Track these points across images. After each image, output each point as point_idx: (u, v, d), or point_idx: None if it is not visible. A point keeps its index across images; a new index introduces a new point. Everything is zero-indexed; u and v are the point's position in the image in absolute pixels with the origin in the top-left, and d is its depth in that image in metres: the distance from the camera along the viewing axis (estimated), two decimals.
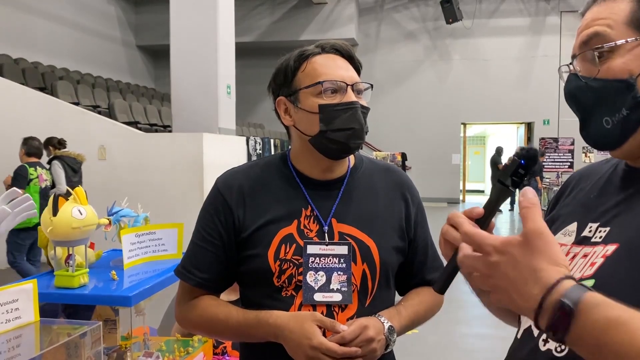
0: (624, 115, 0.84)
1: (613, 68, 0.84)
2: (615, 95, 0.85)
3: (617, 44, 0.84)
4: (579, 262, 0.85)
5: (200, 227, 1.30)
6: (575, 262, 0.86)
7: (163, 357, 1.86)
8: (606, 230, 0.85)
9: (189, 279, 1.29)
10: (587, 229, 0.89)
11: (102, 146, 6.69)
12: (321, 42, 1.29)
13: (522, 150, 0.80)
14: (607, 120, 0.86)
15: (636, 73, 0.83)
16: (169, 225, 2.02)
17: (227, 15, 7.10)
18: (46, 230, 1.63)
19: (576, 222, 0.92)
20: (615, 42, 0.84)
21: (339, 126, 1.22)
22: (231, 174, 1.33)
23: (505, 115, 15.43)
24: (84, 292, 1.63)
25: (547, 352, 0.82)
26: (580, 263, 0.85)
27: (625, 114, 0.84)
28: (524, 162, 0.80)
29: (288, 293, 1.22)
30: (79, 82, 9.68)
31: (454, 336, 4.82)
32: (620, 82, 0.84)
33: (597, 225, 0.88)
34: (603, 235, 0.85)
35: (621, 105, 0.84)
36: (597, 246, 0.85)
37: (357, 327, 1.15)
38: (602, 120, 0.87)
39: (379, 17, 15.80)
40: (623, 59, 0.84)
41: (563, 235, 0.93)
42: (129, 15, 15.20)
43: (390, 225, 1.30)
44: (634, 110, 0.84)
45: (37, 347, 1.45)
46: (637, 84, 0.83)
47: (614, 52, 0.85)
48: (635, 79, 0.83)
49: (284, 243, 1.23)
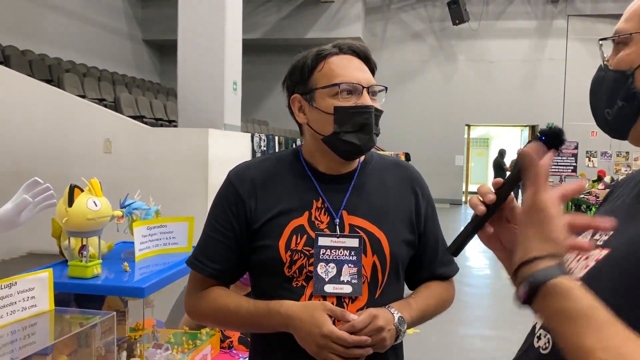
0: (619, 106, 0.85)
1: (619, 59, 0.86)
2: (614, 86, 0.86)
3: (621, 36, 0.85)
4: (580, 263, 0.88)
5: (212, 219, 1.32)
6: (578, 263, 0.89)
7: (172, 349, 1.88)
8: (609, 234, 0.87)
9: (201, 269, 1.31)
10: (598, 233, 0.90)
11: (108, 139, 6.70)
12: (339, 42, 1.30)
13: (547, 127, 0.83)
14: (608, 111, 0.88)
15: (635, 65, 0.83)
16: (180, 219, 2.04)
17: (234, 12, 7.11)
18: (61, 220, 1.65)
19: None
20: (621, 34, 0.85)
21: (352, 129, 1.24)
22: (243, 166, 1.35)
23: (510, 117, 15.42)
24: (97, 282, 1.65)
25: (537, 349, 0.85)
26: (580, 265, 0.88)
27: (621, 104, 0.85)
28: (544, 138, 0.83)
29: (299, 283, 1.24)
30: (85, 75, 9.69)
31: (455, 337, 4.83)
32: (620, 73, 0.85)
33: None
34: (605, 239, 0.87)
35: (617, 96, 0.85)
36: (597, 249, 0.87)
37: (367, 316, 1.17)
38: (604, 112, 0.88)
39: (385, 16, 15.78)
40: (629, 50, 0.84)
41: (582, 237, 0.94)
42: (135, 9, 15.20)
43: (401, 218, 1.32)
44: (629, 102, 0.84)
45: (52, 336, 1.47)
46: (635, 75, 0.83)
47: (625, 44, 0.85)
48: (634, 70, 0.83)
49: (295, 234, 1.25)
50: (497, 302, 5.91)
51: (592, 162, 14.25)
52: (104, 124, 6.79)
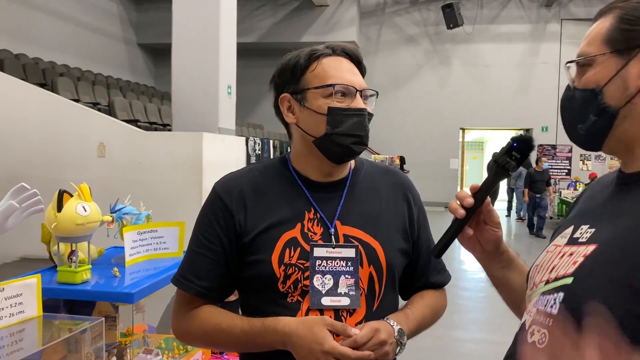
0: (592, 121, 0.94)
1: (586, 79, 0.95)
2: (585, 103, 0.94)
3: (587, 58, 0.94)
4: (564, 261, 0.92)
5: (199, 233, 1.26)
6: (563, 261, 0.92)
7: (162, 354, 1.87)
8: (592, 231, 0.92)
9: (188, 287, 1.24)
10: (578, 231, 0.96)
11: (102, 143, 6.68)
12: (331, 44, 1.28)
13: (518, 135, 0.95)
14: (581, 127, 0.96)
15: (603, 83, 0.92)
16: (171, 224, 2.03)
17: (229, 16, 7.11)
18: (50, 226, 1.64)
19: (573, 226, 0.99)
20: (588, 56, 0.94)
21: (345, 131, 1.21)
22: (229, 178, 1.29)
23: (504, 121, 15.47)
24: (87, 288, 1.64)
25: (532, 344, 0.90)
26: (565, 261, 0.92)
27: (593, 119, 0.93)
28: (516, 144, 0.95)
29: (294, 299, 1.18)
30: (80, 79, 9.67)
31: (449, 340, 4.83)
32: (590, 91, 0.94)
33: (587, 227, 0.94)
34: (588, 236, 0.92)
35: (589, 112, 0.94)
36: (581, 246, 0.91)
37: (369, 330, 1.13)
38: (576, 127, 0.97)
39: (380, 20, 15.82)
40: (594, 71, 0.93)
41: (561, 238, 1.00)
42: (130, 12, 15.19)
43: (395, 226, 1.29)
44: (601, 116, 0.93)
45: (40, 342, 1.46)
46: (603, 92, 0.92)
47: (590, 66, 0.94)
48: (602, 88, 0.92)
49: (288, 247, 1.20)
50: (492, 305, 5.91)
51: (586, 166, 14.29)
52: (98, 128, 6.77)
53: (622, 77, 0.91)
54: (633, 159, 0.94)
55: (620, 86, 0.91)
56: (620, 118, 0.91)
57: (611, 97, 0.91)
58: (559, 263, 0.93)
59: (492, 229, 1.06)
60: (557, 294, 0.88)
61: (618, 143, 0.94)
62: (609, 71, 0.91)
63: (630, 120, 0.91)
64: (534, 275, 1.00)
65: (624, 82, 0.90)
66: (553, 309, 0.88)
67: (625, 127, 0.92)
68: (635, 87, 0.90)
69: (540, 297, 0.93)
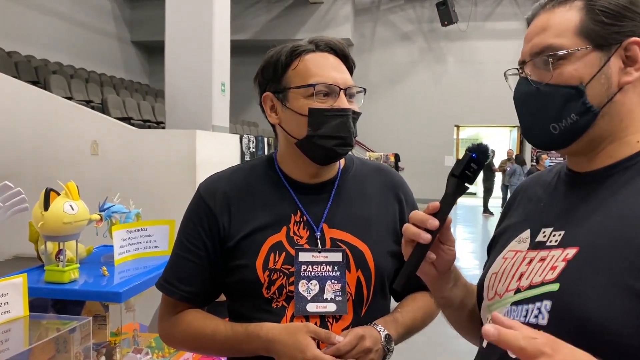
0: (573, 121, 0.87)
1: (565, 74, 0.87)
2: (566, 101, 0.87)
3: (569, 51, 0.87)
4: (536, 266, 0.87)
5: (183, 237, 1.24)
6: (533, 267, 0.87)
7: (152, 353, 1.86)
8: (561, 233, 0.87)
9: (172, 292, 1.23)
10: (540, 234, 0.91)
11: (95, 141, 6.65)
12: (315, 39, 1.21)
13: (474, 145, 0.85)
14: (555, 126, 0.89)
15: (586, 80, 0.86)
16: (161, 222, 2.02)
17: (223, 13, 7.08)
18: (37, 224, 1.62)
19: (529, 229, 0.94)
20: (568, 50, 0.87)
21: (327, 133, 1.16)
22: (214, 179, 1.27)
23: (499, 118, 15.45)
24: (74, 287, 1.63)
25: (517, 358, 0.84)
26: (538, 267, 0.86)
27: (575, 119, 0.87)
28: (475, 155, 0.86)
29: (279, 304, 1.16)
30: (73, 77, 9.62)
31: (443, 338, 4.82)
32: (571, 88, 0.87)
33: (551, 230, 0.89)
34: (558, 239, 0.87)
35: (571, 111, 0.87)
36: (553, 250, 0.86)
37: (353, 337, 1.10)
38: (549, 126, 0.89)
39: (374, 17, 15.81)
40: (574, 66, 0.87)
41: (517, 243, 0.95)
42: (124, 10, 15.12)
43: (385, 228, 1.25)
44: (583, 116, 0.87)
45: (26, 341, 1.45)
46: (587, 90, 0.86)
47: (565, 60, 0.87)
48: (585, 85, 0.86)
49: (273, 252, 1.17)
50: None
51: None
52: (91, 125, 6.73)
53: (605, 73, 0.86)
54: (595, 157, 0.89)
55: (604, 83, 0.86)
56: (599, 117, 0.87)
57: (594, 95, 0.86)
58: (528, 269, 0.88)
59: (449, 247, 0.96)
60: (541, 303, 0.82)
61: (589, 143, 0.89)
62: (592, 67, 0.86)
63: (607, 118, 0.87)
64: (494, 284, 0.95)
65: (607, 79, 0.86)
66: (540, 319, 0.82)
67: (601, 125, 0.87)
68: (616, 85, 0.86)
69: (511, 307, 0.87)
